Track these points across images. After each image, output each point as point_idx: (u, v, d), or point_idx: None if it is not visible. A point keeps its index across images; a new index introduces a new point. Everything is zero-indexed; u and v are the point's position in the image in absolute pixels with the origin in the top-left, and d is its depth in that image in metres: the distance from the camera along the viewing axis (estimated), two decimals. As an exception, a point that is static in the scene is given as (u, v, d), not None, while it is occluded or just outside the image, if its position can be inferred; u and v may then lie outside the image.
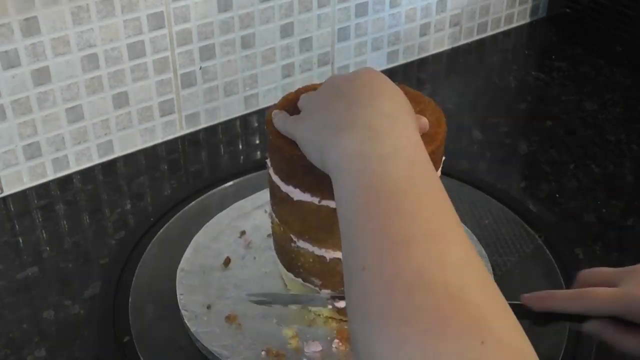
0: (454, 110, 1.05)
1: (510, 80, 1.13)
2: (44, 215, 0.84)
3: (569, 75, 1.13)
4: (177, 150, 0.95)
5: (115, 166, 0.92)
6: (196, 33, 0.91)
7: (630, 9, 1.13)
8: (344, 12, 1.03)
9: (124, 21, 0.85)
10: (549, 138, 0.98)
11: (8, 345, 0.67)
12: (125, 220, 0.83)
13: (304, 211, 0.59)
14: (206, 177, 0.90)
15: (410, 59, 1.15)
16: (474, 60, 1.19)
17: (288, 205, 0.60)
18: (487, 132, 0.99)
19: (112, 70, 0.87)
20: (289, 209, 0.60)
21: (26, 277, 0.75)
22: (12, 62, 0.80)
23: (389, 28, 1.10)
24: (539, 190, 0.87)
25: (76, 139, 0.88)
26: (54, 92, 0.84)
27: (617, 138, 0.97)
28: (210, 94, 0.97)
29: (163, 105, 0.94)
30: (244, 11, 0.94)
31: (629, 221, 0.82)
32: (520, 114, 1.06)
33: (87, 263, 0.77)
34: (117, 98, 0.89)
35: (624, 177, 0.90)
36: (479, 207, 0.79)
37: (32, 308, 0.72)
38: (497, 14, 1.23)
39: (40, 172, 0.88)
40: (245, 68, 0.98)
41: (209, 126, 0.99)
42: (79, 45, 0.83)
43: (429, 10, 1.13)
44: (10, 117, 0.82)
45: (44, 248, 0.79)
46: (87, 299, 0.72)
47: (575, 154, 0.94)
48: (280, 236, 0.64)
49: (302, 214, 0.59)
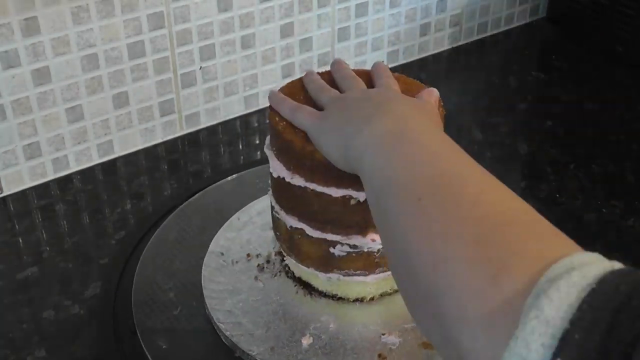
0: (454, 110, 1.05)
1: (510, 80, 1.13)
2: (44, 215, 0.84)
3: (569, 75, 1.13)
4: (177, 150, 0.95)
5: (115, 166, 0.92)
6: (196, 33, 0.91)
7: (630, 9, 1.13)
8: (344, 12, 1.03)
9: (124, 21, 0.85)
10: (549, 138, 0.98)
11: (8, 345, 0.67)
12: (125, 220, 0.83)
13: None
14: (206, 177, 0.90)
15: (410, 59, 1.15)
16: (474, 60, 1.19)
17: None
18: (487, 132, 0.99)
19: (112, 70, 0.87)
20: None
21: (26, 277, 0.75)
22: (12, 62, 0.80)
23: (389, 28, 1.10)
24: (539, 190, 0.87)
25: (76, 139, 0.88)
26: (54, 92, 0.84)
27: (617, 138, 0.97)
28: (210, 94, 0.97)
29: (163, 105, 0.94)
30: (244, 11, 0.94)
31: (629, 221, 0.82)
32: (520, 114, 1.06)
33: (87, 263, 0.77)
34: (117, 98, 0.89)
35: (624, 177, 0.90)
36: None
37: (32, 308, 0.72)
38: (497, 14, 1.23)
39: (40, 172, 0.88)
40: (245, 68, 0.98)
41: (209, 126, 0.99)
42: (79, 45, 0.83)
43: (429, 10, 1.13)
44: (10, 117, 0.82)
45: (44, 248, 0.79)
46: (87, 299, 0.72)
47: (576, 153, 0.94)
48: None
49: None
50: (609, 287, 0.31)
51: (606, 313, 0.30)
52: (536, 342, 0.31)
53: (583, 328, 0.30)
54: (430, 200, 0.42)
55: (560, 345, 0.30)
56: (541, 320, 0.31)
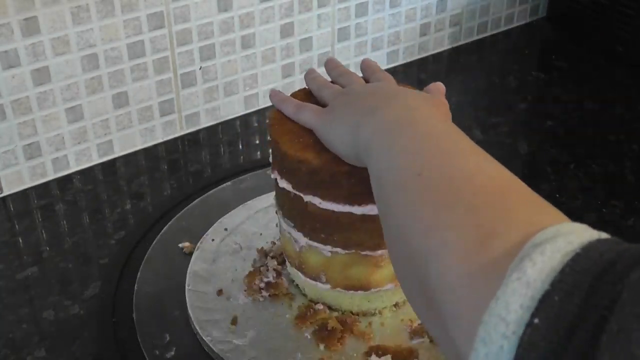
0: (454, 110, 1.04)
1: (510, 80, 1.13)
2: (44, 215, 0.84)
3: (569, 75, 1.13)
4: (177, 150, 0.95)
5: (115, 166, 0.92)
6: (196, 33, 0.91)
7: (630, 9, 1.13)
8: (344, 12, 1.03)
9: (124, 21, 0.85)
10: (549, 138, 0.98)
11: (8, 345, 0.67)
12: (125, 220, 0.83)
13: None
14: (206, 176, 0.90)
15: (410, 59, 1.15)
16: (474, 60, 1.19)
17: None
18: (487, 132, 0.99)
19: (112, 70, 0.87)
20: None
21: (26, 277, 0.75)
22: (12, 62, 0.80)
23: (389, 28, 1.10)
24: (539, 190, 0.85)
25: (76, 139, 0.88)
26: (54, 92, 0.84)
27: (617, 138, 0.97)
28: (210, 94, 0.97)
29: (163, 105, 0.94)
30: (244, 11, 0.94)
31: (629, 221, 0.82)
32: (520, 114, 1.06)
33: (87, 263, 0.77)
34: (117, 98, 0.89)
35: (624, 177, 0.90)
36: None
37: (32, 308, 0.72)
38: (497, 14, 1.23)
39: (40, 172, 0.88)
40: (245, 68, 0.98)
41: (209, 126, 0.99)
42: (79, 45, 0.83)
43: (429, 10, 1.13)
44: (10, 117, 0.82)
45: (44, 248, 0.79)
46: (87, 299, 0.72)
47: (576, 153, 0.94)
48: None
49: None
50: (594, 253, 0.31)
51: (588, 277, 0.30)
52: (515, 303, 0.31)
53: (563, 290, 0.30)
54: (429, 174, 0.42)
55: (538, 307, 0.30)
56: (522, 282, 0.31)
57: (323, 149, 0.57)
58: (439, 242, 0.38)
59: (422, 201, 0.41)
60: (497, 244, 0.35)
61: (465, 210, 0.38)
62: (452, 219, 0.38)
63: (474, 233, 0.36)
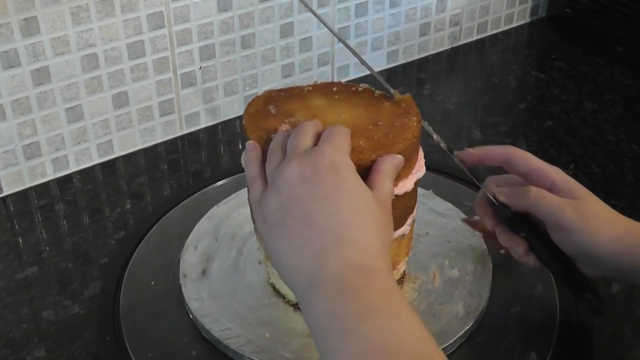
0: (454, 110, 1.05)
1: (510, 80, 1.13)
2: (44, 215, 0.84)
3: (569, 75, 1.13)
4: (177, 150, 0.95)
5: (115, 166, 0.92)
6: (196, 33, 0.91)
7: (630, 9, 1.13)
8: (344, 12, 1.03)
9: (124, 21, 0.85)
10: (549, 138, 0.98)
11: (8, 345, 0.67)
12: (125, 220, 0.83)
13: None
14: (206, 176, 0.90)
15: (410, 59, 1.15)
16: (474, 60, 1.19)
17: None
18: (487, 132, 0.99)
19: (111, 70, 0.87)
20: None
21: (26, 277, 0.75)
22: (12, 62, 0.80)
23: (389, 28, 1.10)
24: (539, 190, 0.87)
25: (76, 138, 0.88)
26: (54, 92, 0.84)
27: (617, 138, 0.97)
28: (210, 93, 0.97)
29: (163, 105, 0.94)
30: (244, 11, 0.94)
31: (629, 221, 0.82)
32: (520, 114, 1.06)
33: (87, 263, 0.77)
34: (116, 98, 0.89)
35: (624, 177, 0.90)
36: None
37: (32, 308, 0.72)
38: (497, 14, 1.23)
39: (40, 172, 0.88)
40: (245, 68, 0.98)
41: (209, 126, 0.99)
42: (79, 45, 0.83)
43: (429, 10, 1.13)
44: (10, 117, 0.82)
45: (43, 248, 0.79)
46: (87, 299, 0.72)
47: (575, 153, 0.94)
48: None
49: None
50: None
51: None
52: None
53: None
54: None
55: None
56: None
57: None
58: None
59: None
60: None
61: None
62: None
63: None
